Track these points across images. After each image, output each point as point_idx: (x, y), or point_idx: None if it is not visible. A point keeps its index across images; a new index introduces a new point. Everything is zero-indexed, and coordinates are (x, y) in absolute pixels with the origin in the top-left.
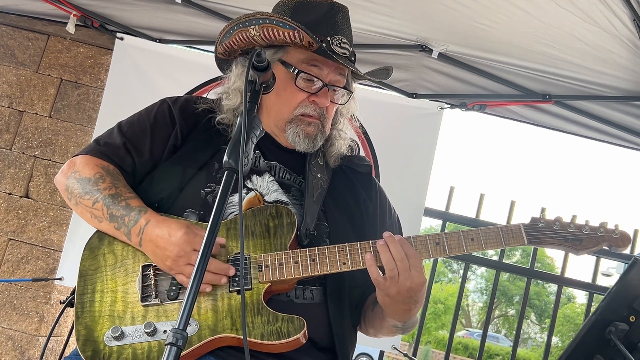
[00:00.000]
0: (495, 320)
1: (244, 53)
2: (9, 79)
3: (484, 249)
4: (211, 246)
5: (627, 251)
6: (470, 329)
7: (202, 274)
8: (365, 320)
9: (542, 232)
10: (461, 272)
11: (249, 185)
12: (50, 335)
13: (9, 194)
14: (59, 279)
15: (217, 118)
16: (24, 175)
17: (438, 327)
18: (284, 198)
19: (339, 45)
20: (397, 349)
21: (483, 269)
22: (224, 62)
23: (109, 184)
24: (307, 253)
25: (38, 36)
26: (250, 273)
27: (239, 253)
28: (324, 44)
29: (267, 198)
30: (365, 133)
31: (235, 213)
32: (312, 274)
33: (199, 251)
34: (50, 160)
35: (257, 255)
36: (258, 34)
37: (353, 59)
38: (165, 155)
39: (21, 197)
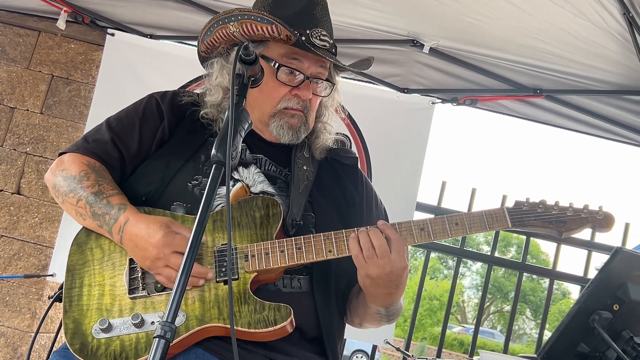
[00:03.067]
0: (490, 316)
1: (225, 49)
2: (0, 76)
3: (469, 233)
4: (199, 239)
5: (619, 244)
6: (465, 325)
7: (190, 267)
8: (351, 309)
9: (525, 214)
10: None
11: (236, 176)
12: (38, 330)
13: (1, 190)
14: (51, 275)
15: (201, 113)
16: (15, 171)
17: (434, 323)
18: (270, 189)
19: (318, 37)
20: (389, 343)
21: (479, 265)
22: (206, 60)
23: (92, 181)
24: (293, 242)
25: (29, 32)
26: (236, 263)
27: (225, 244)
28: (302, 37)
29: (253, 189)
30: (354, 123)
31: (221, 205)
32: (299, 262)
33: (178, 252)
34: (41, 156)
35: (244, 245)
36: (237, 30)
37: (334, 50)
38: (154, 149)
39: (13, 193)
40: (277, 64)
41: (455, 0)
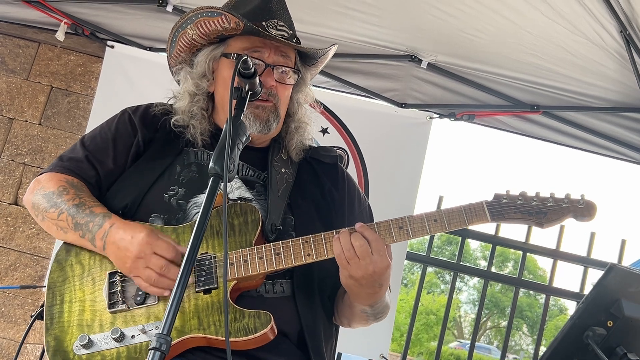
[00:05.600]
0: (487, 331)
1: (189, 58)
2: None
3: (448, 229)
4: (196, 250)
5: (616, 261)
6: (462, 340)
7: (186, 279)
8: (338, 310)
9: (505, 207)
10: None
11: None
12: (22, 343)
13: None
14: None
15: (172, 120)
16: (13, 182)
17: (430, 338)
18: (247, 195)
19: (274, 27)
20: (385, 358)
21: (475, 280)
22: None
23: (72, 195)
24: (272, 247)
25: (29, 44)
26: (215, 272)
27: (204, 253)
28: (252, 24)
29: (230, 196)
30: (351, 137)
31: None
32: (278, 268)
33: (158, 255)
34: (39, 167)
35: (222, 253)
36: (195, 32)
37: (294, 40)
38: (129, 164)
39: (10, 204)
40: (235, 55)
41: (454, 17)
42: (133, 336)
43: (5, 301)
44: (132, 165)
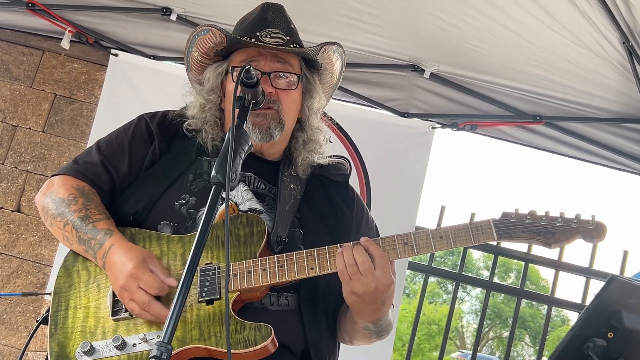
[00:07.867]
0: (489, 342)
1: (197, 75)
2: (3, 94)
3: (453, 247)
4: (197, 262)
5: (617, 272)
6: (464, 351)
7: (187, 288)
8: (340, 326)
9: (513, 226)
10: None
11: (224, 195)
12: (24, 350)
13: (1, 208)
14: (49, 293)
15: (185, 124)
16: (16, 189)
17: (432, 348)
18: (258, 206)
19: (268, 35)
20: None
21: (478, 290)
22: None
23: (80, 205)
24: (276, 259)
25: (33, 51)
26: (218, 282)
27: (208, 263)
28: (235, 36)
29: (241, 207)
30: (354, 147)
31: None
32: (281, 281)
33: (143, 289)
34: (42, 174)
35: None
36: (197, 53)
37: (292, 46)
38: (144, 171)
39: (13, 211)
40: (231, 67)
41: (457, 27)
42: (134, 344)
43: (7, 308)
44: (146, 172)
